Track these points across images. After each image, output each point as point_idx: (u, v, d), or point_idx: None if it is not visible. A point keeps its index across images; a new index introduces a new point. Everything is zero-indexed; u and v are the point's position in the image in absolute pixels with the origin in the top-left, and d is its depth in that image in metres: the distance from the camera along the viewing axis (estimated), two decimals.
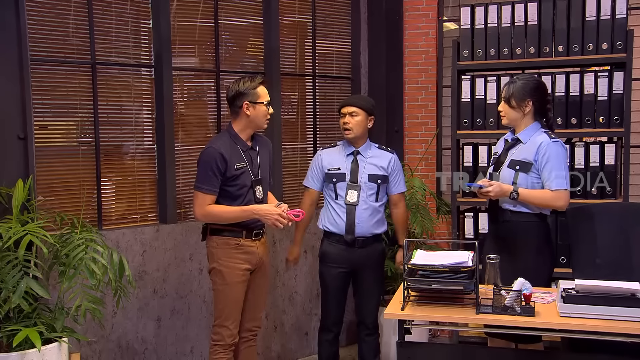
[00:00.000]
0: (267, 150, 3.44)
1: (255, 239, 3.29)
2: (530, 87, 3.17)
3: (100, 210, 3.74)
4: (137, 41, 3.87)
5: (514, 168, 3.15)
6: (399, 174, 3.73)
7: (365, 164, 3.64)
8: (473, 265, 2.64)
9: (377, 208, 3.65)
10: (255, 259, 3.31)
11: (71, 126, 3.67)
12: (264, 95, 3.26)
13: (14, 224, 3.03)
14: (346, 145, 3.71)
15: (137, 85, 3.90)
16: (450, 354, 2.71)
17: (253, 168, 3.30)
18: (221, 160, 3.17)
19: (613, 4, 3.82)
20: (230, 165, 3.20)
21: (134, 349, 3.76)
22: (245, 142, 3.29)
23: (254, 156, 3.32)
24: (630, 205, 3.55)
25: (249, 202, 3.26)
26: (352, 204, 3.59)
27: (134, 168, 3.89)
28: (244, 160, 3.26)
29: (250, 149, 3.32)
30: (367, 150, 3.69)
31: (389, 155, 3.72)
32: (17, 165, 3.30)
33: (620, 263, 3.04)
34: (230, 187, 3.23)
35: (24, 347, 2.96)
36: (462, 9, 4.11)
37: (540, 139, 3.14)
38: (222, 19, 4.18)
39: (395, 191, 3.72)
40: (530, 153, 3.13)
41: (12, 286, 2.96)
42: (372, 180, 3.62)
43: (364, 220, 3.59)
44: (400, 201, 3.77)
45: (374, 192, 3.62)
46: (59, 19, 3.55)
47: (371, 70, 4.85)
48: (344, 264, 3.64)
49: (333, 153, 3.74)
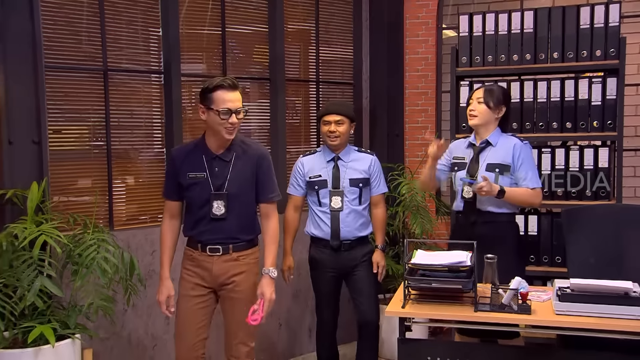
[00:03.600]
0: (249, 163, 2.91)
1: (211, 254, 2.88)
2: (505, 95, 3.33)
3: (112, 212, 3.75)
4: (147, 48, 3.89)
5: (493, 171, 3.20)
6: (379, 175, 3.62)
7: (347, 169, 3.55)
8: (471, 265, 2.64)
9: (361, 211, 3.57)
10: (211, 276, 2.89)
11: (84, 130, 3.69)
12: (219, 102, 2.76)
13: (29, 225, 3.05)
14: (326, 152, 3.61)
15: (147, 91, 3.91)
16: (449, 351, 2.71)
17: (215, 180, 2.85)
18: (171, 163, 2.95)
19: (606, 12, 3.83)
20: (182, 172, 2.88)
21: (144, 345, 3.77)
22: (212, 150, 2.87)
23: (220, 167, 2.86)
24: (623, 207, 3.55)
25: (202, 218, 2.87)
26: (337, 210, 3.50)
27: (143, 171, 3.91)
28: (203, 170, 2.86)
29: (217, 159, 2.87)
30: (347, 155, 3.58)
31: (369, 157, 3.62)
32: (31, 169, 3.31)
33: (613, 263, 3.04)
34: (186, 197, 2.93)
35: (39, 343, 2.98)
36: (461, 17, 4.12)
37: (512, 141, 3.27)
38: (228, 26, 4.19)
39: (375, 192, 3.62)
40: (507, 155, 3.23)
41: (27, 284, 2.97)
42: (353, 184, 3.52)
43: (348, 225, 3.52)
44: (380, 202, 3.66)
45: (357, 196, 3.54)
46: (72, 27, 3.57)
47: (372, 76, 4.86)
48: (332, 268, 3.58)
49: (313, 160, 3.62)
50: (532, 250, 3.97)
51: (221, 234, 2.89)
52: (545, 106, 3.95)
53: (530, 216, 3.98)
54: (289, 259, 3.68)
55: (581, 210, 3.32)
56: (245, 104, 4.34)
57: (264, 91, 4.41)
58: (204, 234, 2.89)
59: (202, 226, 2.89)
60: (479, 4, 5.36)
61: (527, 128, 3.97)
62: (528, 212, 3.99)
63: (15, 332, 3.03)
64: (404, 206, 4.30)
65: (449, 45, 4.47)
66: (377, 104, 4.85)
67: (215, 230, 2.89)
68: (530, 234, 3.96)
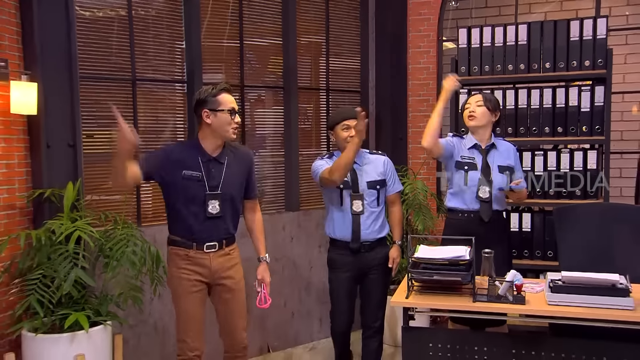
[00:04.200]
0: (243, 164, 2.90)
1: (208, 252, 2.81)
2: (499, 103, 3.38)
3: (139, 209, 3.79)
4: (171, 60, 3.92)
5: (504, 172, 3.22)
6: (393, 174, 3.39)
7: (363, 172, 3.29)
8: (470, 259, 2.66)
9: (379, 212, 3.32)
10: (209, 272, 2.82)
11: (114, 135, 3.70)
12: (226, 103, 2.75)
13: (65, 221, 3.09)
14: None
15: (171, 99, 3.94)
16: (449, 338, 2.72)
17: (210, 180, 2.78)
18: (164, 153, 2.83)
19: (594, 26, 3.83)
20: (174, 168, 2.75)
21: (169, 331, 3.80)
22: (207, 152, 2.80)
23: (216, 168, 2.80)
24: (611, 205, 3.55)
25: (195, 217, 2.77)
26: (358, 214, 3.25)
27: None
28: (199, 170, 2.77)
29: (213, 160, 2.80)
30: (361, 158, 3.31)
31: (382, 158, 3.38)
32: (67, 170, 3.36)
33: (601, 257, 3.04)
34: (172, 196, 2.80)
35: (74, 329, 3.02)
36: (460, 30, 4.13)
37: (508, 144, 3.37)
38: (246, 39, 4.22)
39: (392, 191, 3.38)
40: (509, 157, 3.30)
41: (63, 275, 3.02)
42: (371, 187, 3.28)
43: (368, 227, 3.26)
44: (396, 200, 3.43)
45: (375, 197, 3.29)
46: (104, 41, 3.61)
47: (378, 84, 4.87)
48: (351, 269, 3.30)
49: (331, 163, 3.27)
50: (525, 246, 3.97)
51: (216, 232, 2.82)
52: (538, 112, 3.95)
53: (524, 214, 3.98)
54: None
55: (572, 208, 3.32)
56: (261, 111, 4.41)
57: (278, 99, 4.44)
58: (201, 233, 2.79)
59: (197, 225, 2.78)
60: (476, 18, 5.37)
61: (521, 132, 3.98)
62: (522, 210, 3.99)
63: (53, 319, 3.07)
64: (407, 205, 4.30)
65: (448, 56, 4.48)
66: (383, 110, 4.86)
67: (211, 229, 2.80)
68: (524, 231, 3.96)
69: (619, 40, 5.09)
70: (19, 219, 3.27)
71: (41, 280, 3.03)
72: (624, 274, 2.57)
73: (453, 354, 2.68)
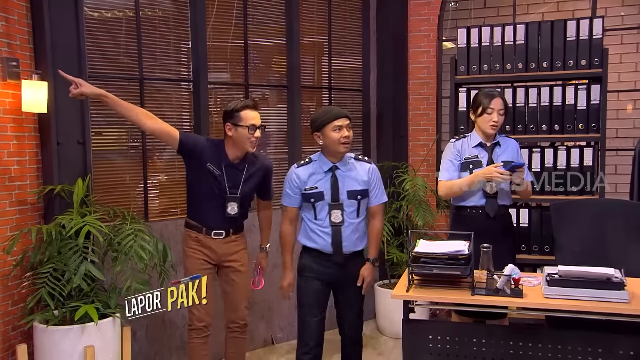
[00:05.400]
0: (260, 172, 3.13)
1: (215, 237, 3.07)
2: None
3: (147, 205, 3.80)
4: (178, 59, 3.92)
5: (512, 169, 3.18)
6: (378, 185, 2.97)
7: (345, 179, 2.90)
8: (469, 253, 2.66)
9: (359, 224, 2.94)
10: (215, 255, 3.08)
11: (122, 133, 3.73)
12: (247, 119, 2.93)
13: (74, 216, 3.10)
14: (323, 161, 2.92)
15: (177, 97, 3.95)
16: (448, 330, 2.72)
17: (228, 183, 3.02)
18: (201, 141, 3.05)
19: (590, 26, 3.83)
20: (203, 157, 2.99)
21: (176, 324, 3.81)
22: (230, 159, 3.02)
23: (234, 175, 3.03)
24: (606, 201, 3.55)
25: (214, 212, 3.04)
26: (338, 225, 2.88)
27: (175, 168, 3.94)
28: (220, 170, 3.01)
29: (233, 166, 3.03)
30: (345, 164, 2.92)
31: (367, 165, 2.97)
32: (77, 166, 3.37)
33: (597, 251, 3.04)
34: (195, 185, 3.05)
35: (84, 321, 3.04)
36: (459, 30, 4.12)
37: (511, 140, 3.28)
38: (250, 39, 4.22)
39: (375, 202, 2.98)
40: (512, 153, 3.23)
41: (73, 269, 3.04)
42: (351, 197, 2.89)
43: (348, 238, 2.90)
44: (378, 213, 3.01)
45: (355, 208, 2.91)
46: (112, 41, 3.61)
47: (379, 83, 4.87)
48: (324, 277, 2.95)
49: (309, 170, 2.93)
50: (523, 240, 3.97)
51: (228, 225, 3.12)
52: (535, 110, 3.95)
53: (522, 209, 3.98)
54: (290, 275, 3.05)
55: (568, 204, 3.31)
56: (265, 109, 4.42)
57: (281, 97, 4.44)
58: (215, 224, 3.08)
59: (214, 222, 3.08)
60: (475, 18, 5.37)
61: (519, 130, 3.98)
62: (520, 206, 3.99)
63: (64, 311, 3.08)
64: (407, 200, 4.31)
65: (448, 56, 4.47)
66: (384, 108, 4.86)
67: (226, 223, 3.10)
68: (522, 226, 3.97)
69: (614, 40, 5.09)
70: (30, 214, 3.28)
71: (52, 273, 3.05)
72: (619, 267, 2.57)
73: (452, 345, 2.68)
